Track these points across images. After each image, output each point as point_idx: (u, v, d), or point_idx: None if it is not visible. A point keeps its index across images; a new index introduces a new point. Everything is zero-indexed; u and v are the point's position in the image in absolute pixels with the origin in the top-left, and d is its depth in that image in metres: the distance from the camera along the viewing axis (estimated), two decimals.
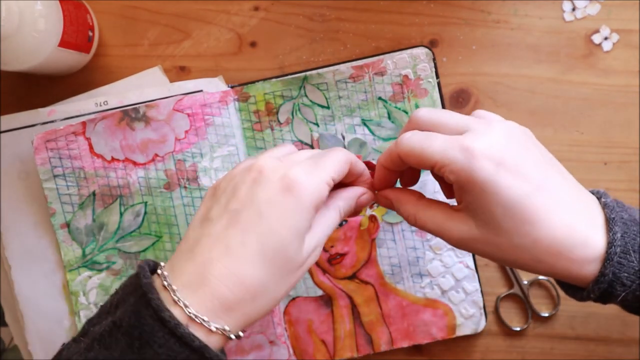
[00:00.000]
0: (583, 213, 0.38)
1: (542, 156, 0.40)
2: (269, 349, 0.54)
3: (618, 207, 0.39)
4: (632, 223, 0.38)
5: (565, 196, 0.38)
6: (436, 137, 0.39)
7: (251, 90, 0.54)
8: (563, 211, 0.37)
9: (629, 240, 0.38)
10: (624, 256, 0.37)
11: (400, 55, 0.53)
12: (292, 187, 0.37)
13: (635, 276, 0.37)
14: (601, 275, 0.37)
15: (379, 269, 0.55)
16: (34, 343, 0.54)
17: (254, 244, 0.37)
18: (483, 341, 0.56)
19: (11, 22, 0.44)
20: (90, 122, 0.53)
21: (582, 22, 0.55)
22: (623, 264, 0.37)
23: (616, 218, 0.38)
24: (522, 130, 0.40)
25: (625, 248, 0.37)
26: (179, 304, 0.36)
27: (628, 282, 0.37)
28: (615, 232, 0.37)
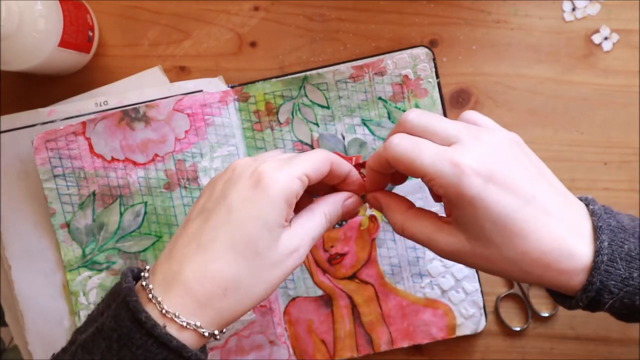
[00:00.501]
0: (571, 223, 0.38)
1: (532, 165, 0.39)
2: (269, 349, 0.54)
3: (606, 215, 0.39)
4: (619, 230, 0.38)
5: (553, 206, 0.38)
6: (426, 148, 0.38)
7: (251, 90, 0.54)
8: (551, 222, 0.38)
9: (616, 248, 0.38)
10: (610, 264, 0.37)
11: (400, 55, 0.53)
12: (260, 180, 0.38)
13: (623, 284, 0.38)
14: (589, 284, 0.38)
15: (379, 269, 0.55)
16: (34, 343, 0.54)
17: (223, 238, 0.38)
18: (483, 341, 0.56)
19: (11, 22, 0.44)
20: (90, 122, 0.53)
21: (582, 22, 0.55)
22: (610, 272, 0.38)
23: (603, 226, 0.38)
24: (511, 139, 0.40)
25: (612, 256, 0.37)
26: (152, 301, 0.36)
27: (615, 290, 0.38)
28: (602, 241, 0.38)
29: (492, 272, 0.40)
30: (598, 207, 0.40)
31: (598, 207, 0.40)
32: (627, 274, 0.37)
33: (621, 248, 0.38)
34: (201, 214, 0.40)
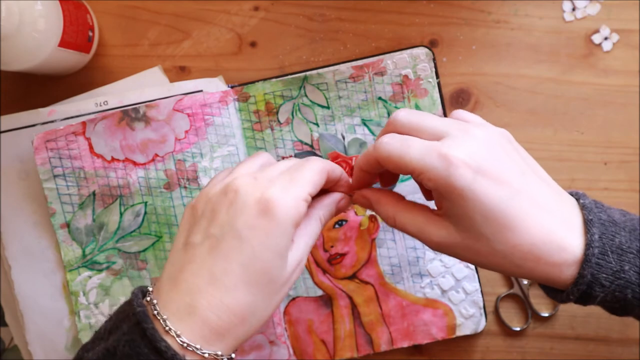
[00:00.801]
0: (561, 216, 0.38)
1: (522, 160, 0.40)
2: (269, 349, 0.54)
3: (596, 209, 0.39)
4: (610, 224, 0.38)
5: (544, 200, 0.38)
6: (414, 143, 0.38)
7: (251, 90, 0.54)
8: (542, 215, 0.38)
9: (607, 242, 0.38)
10: (602, 257, 0.37)
11: (400, 55, 0.53)
12: (270, 209, 0.38)
13: (614, 277, 0.38)
14: (580, 277, 0.38)
15: (379, 269, 0.55)
16: (34, 343, 0.54)
17: (237, 270, 0.37)
18: (483, 341, 0.56)
19: (11, 22, 0.44)
20: (90, 122, 0.53)
21: (582, 22, 0.55)
22: (601, 265, 0.38)
23: (594, 220, 0.38)
24: (502, 134, 0.40)
25: (603, 249, 0.37)
26: (171, 334, 0.36)
27: (607, 283, 0.38)
28: (593, 234, 0.38)
29: (484, 266, 0.40)
30: (589, 201, 0.40)
31: (589, 201, 0.40)
32: (619, 266, 0.37)
33: (612, 241, 0.38)
34: (207, 240, 0.38)
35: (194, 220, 0.40)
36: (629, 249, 0.38)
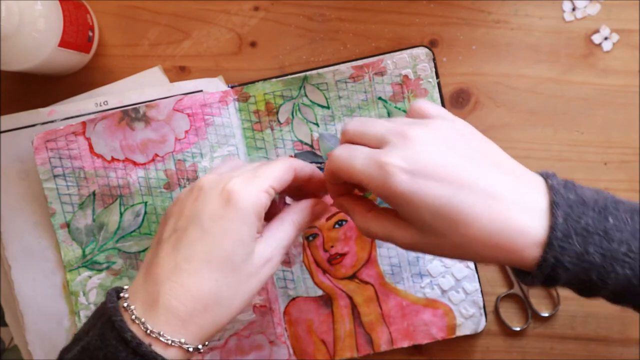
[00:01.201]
0: (519, 200, 0.38)
1: (472, 150, 0.40)
2: (269, 349, 0.54)
3: (565, 189, 0.39)
4: (578, 204, 0.38)
5: (497, 187, 0.38)
6: (358, 154, 0.40)
7: (251, 90, 0.54)
8: (494, 204, 0.38)
9: (572, 224, 0.38)
10: (565, 240, 0.37)
11: (400, 55, 0.53)
12: (230, 198, 0.40)
13: (578, 259, 0.38)
14: (543, 261, 0.38)
15: (379, 269, 0.55)
16: (34, 343, 0.54)
17: (199, 256, 0.39)
18: (483, 341, 0.56)
19: (11, 22, 0.44)
20: (90, 122, 0.53)
21: (582, 22, 0.55)
22: (565, 248, 0.37)
23: (559, 201, 0.38)
24: (449, 127, 0.40)
25: (567, 232, 0.37)
26: (136, 322, 0.38)
27: (570, 266, 0.38)
28: (557, 217, 0.38)
29: (453, 258, 0.41)
30: (557, 181, 0.39)
31: (557, 181, 0.39)
32: (583, 249, 0.37)
33: (578, 223, 0.38)
34: (173, 234, 0.41)
35: (165, 220, 0.43)
36: (595, 230, 0.38)
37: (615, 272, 0.38)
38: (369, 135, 0.41)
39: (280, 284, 0.54)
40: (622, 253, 0.37)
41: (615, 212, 0.38)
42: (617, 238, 0.37)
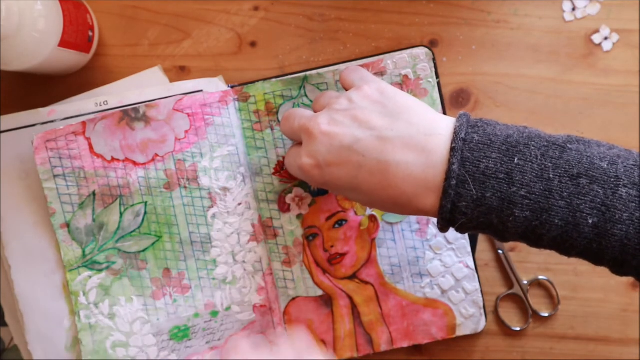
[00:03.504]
0: (426, 154, 0.40)
1: (381, 118, 0.41)
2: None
3: (472, 129, 0.39)
4: (481, 146, 0.38)
5: (404, 149, 0.40)
6: (290, 161, 0.46)
7: (251, 90, 0.54)
8: (400, 167, 0.40)
9: (470, 169, 0.38)
10: (462, 185, 0.38)
11: (400, 55, 0.53)
12: None
13: (475, 204, 0.38)
14: (440, 208, 0.39)
15: (379, 268, 0.55)
16: (34, 343, 0.54)
17: None
18: (483, 341, 0.56)
19: (11, 22, 0.44)
20: (90, 122, 0.53)
21: (582, 22, 0.55)
22: (461, 194, 0.38)
23: (457, 146, 0.39)
24: (362, 96, 0.43)
25: (463, 178, 0.38)
26: None
27: (467, 211, 0.38)
28: (452, 164, 0.38)
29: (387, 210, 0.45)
30: (464, 121, 0.40)
31: (464, 121, 0.40)
32: (480, 194, 0.38)
33: (476, 167, 0.38)
34: None
35: None
36: (495, 173, 0.38)
37: (514, 215, 0.37)
38: (292, 134, 0.46)
39: (280, 284, 0.54)
40: (521, 196, 0.37)
41: (525, 150, 0.38)
42: (518, 180, 0.37)
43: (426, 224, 0.54)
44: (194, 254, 0.54)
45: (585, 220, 0.37)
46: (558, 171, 0.37)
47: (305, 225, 0.54)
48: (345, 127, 0.42)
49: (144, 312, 0.54)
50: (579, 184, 0.37)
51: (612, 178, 0.37)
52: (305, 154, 0.43)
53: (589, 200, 0.37)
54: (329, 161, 0.42)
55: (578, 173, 0.37)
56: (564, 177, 0.37)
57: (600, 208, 0.37)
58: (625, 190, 0.36)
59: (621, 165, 0.37)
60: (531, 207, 0.37)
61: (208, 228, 0.54)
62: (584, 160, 0.37)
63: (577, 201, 0.37)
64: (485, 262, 0.56)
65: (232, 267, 0.54)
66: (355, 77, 0.46)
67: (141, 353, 0.54)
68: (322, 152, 0.42)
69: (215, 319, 0.54)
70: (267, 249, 0.54)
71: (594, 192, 0.37)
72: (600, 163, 0.37)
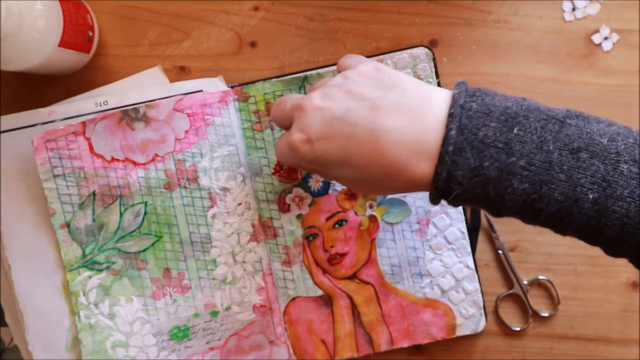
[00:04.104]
0: (421, 121, 0.38)
1: (373, 90, 0.40)
2: (269, 349, 0.54)
3: (469, 97, 0.38)
4: (479, 115, 0.37)
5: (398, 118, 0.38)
6: (281, 142, 0.44)
7: (251, 90, 0.54)
8: (388, 133, 0.38)
9: (468, 135, 0.36)
10: (459, 153, 0.36)
11: (400, 55, 0.53)
12: None
13: (472, 174, 0.36)
14: (435, 175, 0.37)
15: (379, 269, 0.55)
16: (34, 343, 0.54)
17: None
18: (483, 341, 0.56)
19: (11, 22, 0.44)
20: (90, 122, 0.53)
21: (582, 22, 0.55)
22: (458, 162, 0.36)
23: (455, 112, 0.37)
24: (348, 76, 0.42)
25: (461, 145, 0.36)
26: None
27: (464, 181, 0.37)
28: (450, 129, 0.37)
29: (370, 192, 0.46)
30: (464, 90, 0.38)
31: (464, 90, 0.38)
32: (477, 163, 0.36)
33: (474, 135, 0.36)
34: None
35: None
36: (493, 142, 0.36)
37: (512, 187, 0.36)
38: (283, 117, 0.44)
39: (280, 284, 0.54)
40: (520, 167, 0.36)
41: (525, 121, 0.37)
42: (518, 150, 0.36)
43: (426, 224, 0.54)
44: (194, 254, 0.54)
45: (585, 196, 0.35)
46: (558, 144, 0.36)
47: (305, 225, 0.54)
48: (338, 100, 0.40)
49: (144, 312, 0.54)
50: (579, 158, 0.36)
51: (613, 154, 0.36)
52: (296, 129, 0.42)
53: (589, 175, 0.36)
54: (319, 134, 0.40)
55: (578, 147, 0.36)
56: (564, 150, 0.36)
57: (601, 183, 0.35)
58: (627, 166, 0.35)
59: (621, 142, 0.36)
60: (530, 178, 0.36)
61: (208, 228, 0.54)
62: (583, 135, 0.36)
63: (577, 175, 0.36)
64: (485, 262, 0.56)
65: (232, 267, 0.54)
66: (351, 61, 0.45)
67: (141, 353, 0.54)
68: (313, 125, 0.41)
69: (215, 319, 0.54)
70: (267, 249, 0.54)
71: (594, 167, 0.36)
72: (600, 139, 0.36)
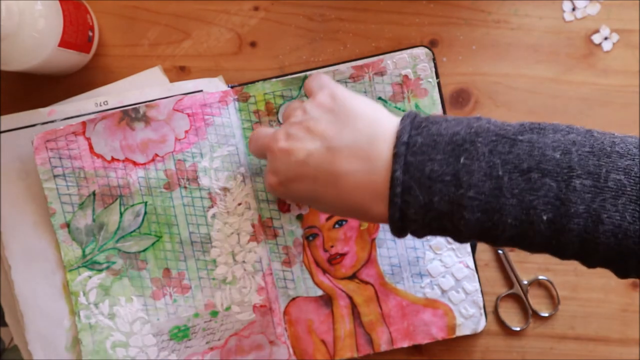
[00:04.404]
0: (371, 162, 0.39)
1: (332, 127, 0.41)
2: (269, 349, 0.54)
3: (414, 131, 0.38)
4: (425, 149, 0.37)
5: (347, 156, 0.40)
6: (264, 177, 0.49)
7: (251, 90, 0.54)
8: (345, 177, 0.40)
9: (415, 173, 0.37)
10: (407, 192, 0.37)
11: (400, 55, 0.53)
12: None
13: (424, 210, 0.37)
14: (390, 216, 0.38)
15: (379, 269, 0.55)
16: (34, 343, 0.54)
17: None
18: (483, 341, 0.56)
19: (11, 22, 0.44)
20: (90, 122, 0.53)
21: (582, 22, 0.55)
22: (408, 201, 0.37)
23: (399, 151, 0.37)
24: (314, 108, 0.43)
25: (408, 184, 0.37)
26: None
27: (417, 217, 0.37)
28: (395, 170, 0.37)
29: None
30: (406, 124, 0.39)
31: (406, 124, 0.39)
32: (427, 199, 0.36)
33: (421, 172, 0.36)
34: None
35: None
36: (441, 176, 0.36)
37: (465, 219, 0.36)
38: (260, 153, 0.47)
39: (280, 284, 0.54)
40: (470, 197, 0.35)
41: (472, 148, 0.36)
42: (466, 181, 0.36)
43: None
44: (194, 254, 0.54)
45: (539, 217, 0.35)
46: (507, 167, 0.35)
47: (305, 225, 0.54)
48: (300, 141, 0.42)
49: (144, 312, 0.54)
50: (530, 179, 0.35)
51: (565, 169, 0.35)
52: (269, 171, 0.44)
53: (542, 195, 0.35)
54: (289, 177, 0.43)
55: (529, 167, 0.35)
56: (514, 172, 0.35)
57: (554, 202, 0.35)
58: (580, 181, 0.34)
59: (575, 153, 0.35)
60: (482, 207, 0.35)
61: (208, 228, 0.54)
62: (534, 152, 0.35)
63: (529, 197, 0.35)
64: (485, 262, 0.56)
65: (232, 267, 0.54)
66: (314, 85, 0.46)
67: (141, 353, 0.54)
68: (282, 169, 0.43)
69: (215, 319, 0.54)
70: (267, 249, 0.54)
71: (546, 186, 0.35)
72: (553, 153, 0.35)
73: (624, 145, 0.35)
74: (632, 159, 0.34)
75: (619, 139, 0.36)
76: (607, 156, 0.35)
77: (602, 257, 0.35)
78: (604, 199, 0.34)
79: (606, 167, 0.34)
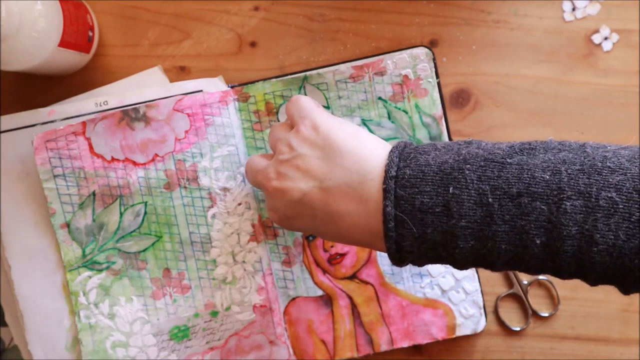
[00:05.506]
0: (361, 202, 0.40)
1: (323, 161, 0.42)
2: (269, 349, 0.54)
3: (402, 163, 0.38)
4: (413, 181, 0.37)
5: (340, 197, 0.40)
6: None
7: (251, 90, 0.54)
8: (341, 218, 0.41)
9: (406, 207, 0.37)
10: (401, 226, 0.37)
11: (400, 55, 0.53)
12: None
13: (419, 242, 0.37)
14: (388, 249, 0.39)
15: (378, 268, 0.55)
16: (34, 343, 0.54)
17: None
18: (483, 341, 0.56)
19: (11, 22, 0.44)
20: (90, 122, 0.53)
21: (582, 22, 0.55)
22: (403, 234, 0.38)
23: (388, 187, 0.38)
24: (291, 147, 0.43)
25: (400, 218, 0.37)
26: None
27: (413, 249, 0.38)
28: (386, 206, 0.38)
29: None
30: (394, 157, 0.39)
31: (394, 157, 0.39)
32: (421, 231, 0.37)
33: (412, 205, 0.37)
34: None
35: None
36: (431, 208, 0.36)
37: (459, 247, 0.36)
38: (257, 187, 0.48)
39: (280, 284, 0.54)
40: (461, 227, 0.36)
41: (460, 176, 0.36)
42: (456, 211, 0.36)
43: None
44: (194, 254, 0.54)
45: (532, 241, 0.35)
46: (497, 193, 0.35)
47: None
48: (292, 180, 0.42)
49: (144, 312, 0.54)
50: (520, 204, 0.35)
51: (555, 191, 0.34)
52: (268, 208, 0.46)
53: (533, 220, 0.35)
54: (287, 215, 0.44)
55: (518, 192, 0.35)
56: (504, 198, 0.35)
57: (546, 226, 0.34)
58: (570, 202, 0.34)
59: (565, 173, 0.35)
60: (475, 235, 0.36)
61: (208, 228, 0.54)
62: (524, 175, 0.35)
63: (521, 222, 0.35)
64: None
65: (232, 267, 0.54)
66: (294, 113, 0.45)
67: (141, 353, 0.54)
68: (279, 207, 0.44)
69: (215, 319, 0.54)
70: (267, 249, 0.54)
71: (537, 210, 0.35)
72: (543, 175, 0.35)
73: (615, 159, 0.35)
74: (624, 174, 0.34)
75: (611, 153, 0.35)
76: (598, 173, 0.34)
77: (600, 275, 0.35)
78: (595, 218, 0.34)
79: (597, 185, 0.34)
